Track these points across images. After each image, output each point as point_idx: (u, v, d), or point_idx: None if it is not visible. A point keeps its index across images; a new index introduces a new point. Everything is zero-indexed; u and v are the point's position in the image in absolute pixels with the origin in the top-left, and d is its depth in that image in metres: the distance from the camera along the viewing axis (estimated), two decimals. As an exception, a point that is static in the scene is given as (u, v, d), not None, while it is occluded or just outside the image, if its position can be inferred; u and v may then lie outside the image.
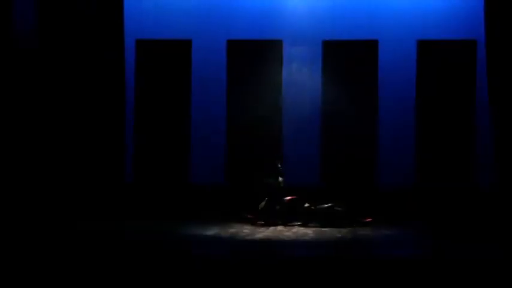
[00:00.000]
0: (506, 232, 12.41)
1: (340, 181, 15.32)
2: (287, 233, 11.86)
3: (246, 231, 12.05)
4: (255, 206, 13.10)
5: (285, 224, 12.85)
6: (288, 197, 13.06)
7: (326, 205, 12.82)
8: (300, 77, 15.49)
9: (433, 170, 15.32)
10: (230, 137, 15.63)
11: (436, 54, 15.28)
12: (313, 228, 12.45)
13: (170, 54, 15.73)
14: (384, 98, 15.38)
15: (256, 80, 15.57)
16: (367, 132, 15.43)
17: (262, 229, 12.30)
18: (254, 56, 15.58)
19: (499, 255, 10.26)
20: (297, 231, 12.11)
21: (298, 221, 12.92)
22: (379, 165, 15.39)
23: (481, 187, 14.95)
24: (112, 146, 14.75)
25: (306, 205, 12.84)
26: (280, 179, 13.21)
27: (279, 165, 13.24)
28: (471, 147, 15.27)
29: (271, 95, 15.55)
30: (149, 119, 15.72)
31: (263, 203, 12.95)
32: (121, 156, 14.93)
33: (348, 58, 15.47)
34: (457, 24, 15.19)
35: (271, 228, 12.48)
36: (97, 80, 14.57)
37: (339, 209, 12.76)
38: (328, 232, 11.98)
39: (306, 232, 12.03)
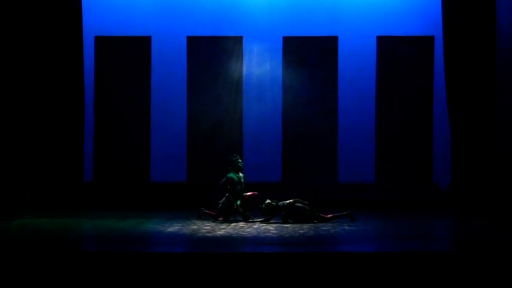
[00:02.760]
0: (462, 227, 12.58)
1: (302, 177, 15.35)
2: (248, 230, 11.82)
3: (207, 227, 11.99)
4: (216, 202, 13.02)
5: (246, 220, 12.80)
6: (249, 193, 13.00)
7: (287, 201, 12.77)
8: (261, 73, 15.48)
9: (393, 166, 15.41)
10: (191, 134, 15.56)
11: (395, 50, 15.39)
12: (275, 225, 12.41)
13: (130, 51, 15.61)
14: (344, 93, 15.46)
15: (217, 76, 15.53)
16: (328, 128, 15.49)
17: (223, 225, 12.25)
18: (214, 52, 15.53)
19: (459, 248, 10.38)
20: (258, 228, 12.08)
21: (260, 217, 12.88)
22: (341, 162, 15.45)
23: (441, 186, 15.10)
24: (71, 145, 14.56)
25: (267, 201, 12.79)
26: (241, 174, 13.16)
27: (239, 161, 13.18)
28: (430, 143, 15.41)
29: (232, 91, 15.52)
30: (109, 117, 15.58)
31: (224, 199, 12.89)
32: (80, 154, 14.76)
33: (308, 54, 15.51)
34: (416, 20, 15.34)
35: (232, 224, 12.43)
36: (55, 78, 14.36)
37: (301, 205, 12.73)
38: (290, 228, 11.96)
39: (268, 228, 12.00)
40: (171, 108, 15.57)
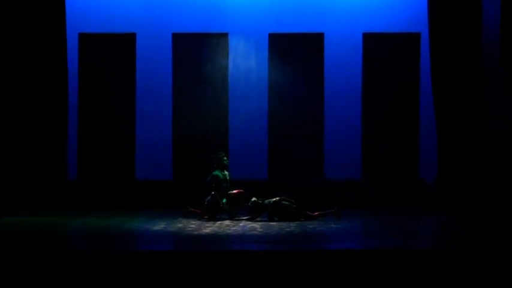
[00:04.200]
0: (448, 225, 12.57)
1: (288, 175, 15.31)
2: (234, 228, 11.77)
3: (193, 226, 11.93)
4: (201, 200, 12.97)
5: (232, 219, 12.74)
6: (235, 191, 12.94)
7: (273, 199, 12.72)
8: (246, 70, 15.43)
9: (379, 163, 15.41)
10: (176, 131, 15.49)
11: (381, 47, 15.38)
12: (261, 223, 12.36)
13: (114, 48, 15.52)
14: (330, 91, 15.44)
15: (202, 73, 15.47)
16: (315, 125, 15.46)
17: (209, 224, 12.19)
18: (200, 49, 15.47)
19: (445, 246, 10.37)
20: (244, 226, 12.03)
21: (246, 216, 12.82)
22: (327, 159, 15.42)
23: (427, 183, 15.11)
24: (54, 143, 14.42)
25: (253, 199, 12.73)
26: (226, 172, 13.09)
27: (225, 159, 13.11)
28: (417, 140, 15.42)
29: (217, 88, 15.46)
30: (93, 114, 15.49)
31: (209, 197, 12.82)
32: (63, 153, 14.62)
33: (294, 51, 15.48)
34: (402, 17, 15.34)
35: (218, 222, 12.37)
36: (38, 76, 14.21)
37: (287, 203, 12.68)
38: (276, 226, 11.92)
39: (254, 226, 11.95)
40: (156, 105, 15.50)
